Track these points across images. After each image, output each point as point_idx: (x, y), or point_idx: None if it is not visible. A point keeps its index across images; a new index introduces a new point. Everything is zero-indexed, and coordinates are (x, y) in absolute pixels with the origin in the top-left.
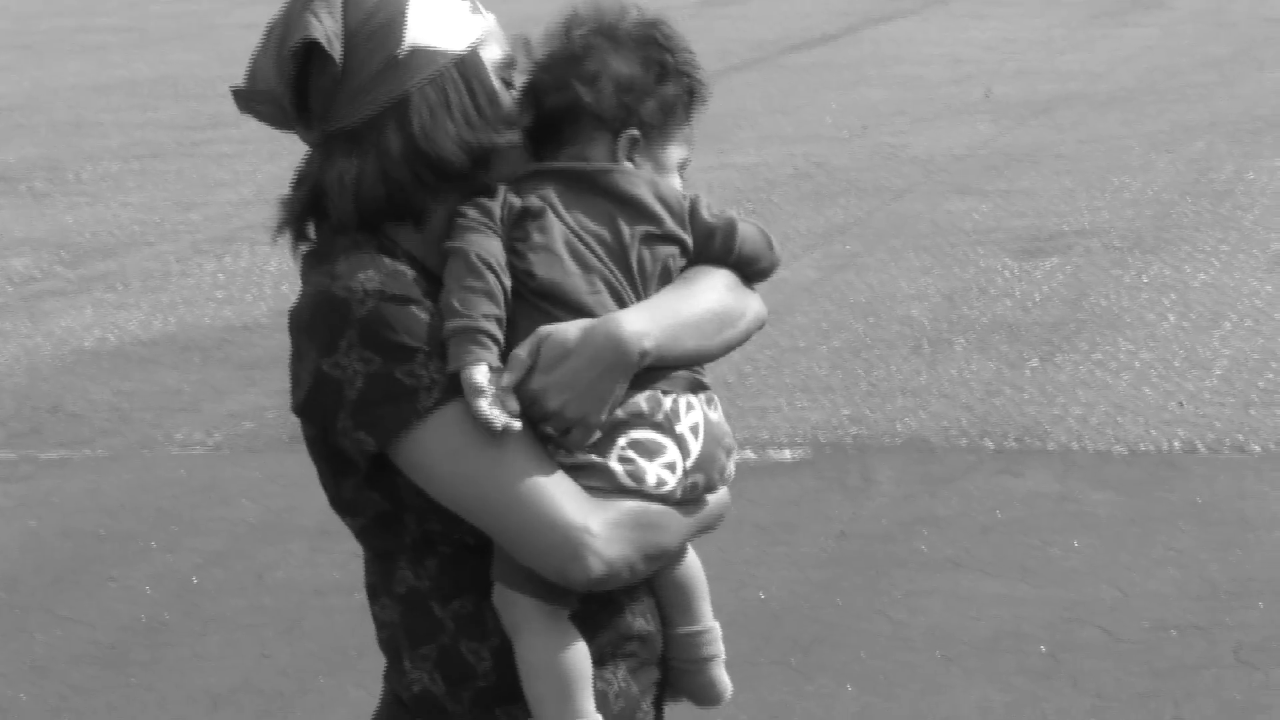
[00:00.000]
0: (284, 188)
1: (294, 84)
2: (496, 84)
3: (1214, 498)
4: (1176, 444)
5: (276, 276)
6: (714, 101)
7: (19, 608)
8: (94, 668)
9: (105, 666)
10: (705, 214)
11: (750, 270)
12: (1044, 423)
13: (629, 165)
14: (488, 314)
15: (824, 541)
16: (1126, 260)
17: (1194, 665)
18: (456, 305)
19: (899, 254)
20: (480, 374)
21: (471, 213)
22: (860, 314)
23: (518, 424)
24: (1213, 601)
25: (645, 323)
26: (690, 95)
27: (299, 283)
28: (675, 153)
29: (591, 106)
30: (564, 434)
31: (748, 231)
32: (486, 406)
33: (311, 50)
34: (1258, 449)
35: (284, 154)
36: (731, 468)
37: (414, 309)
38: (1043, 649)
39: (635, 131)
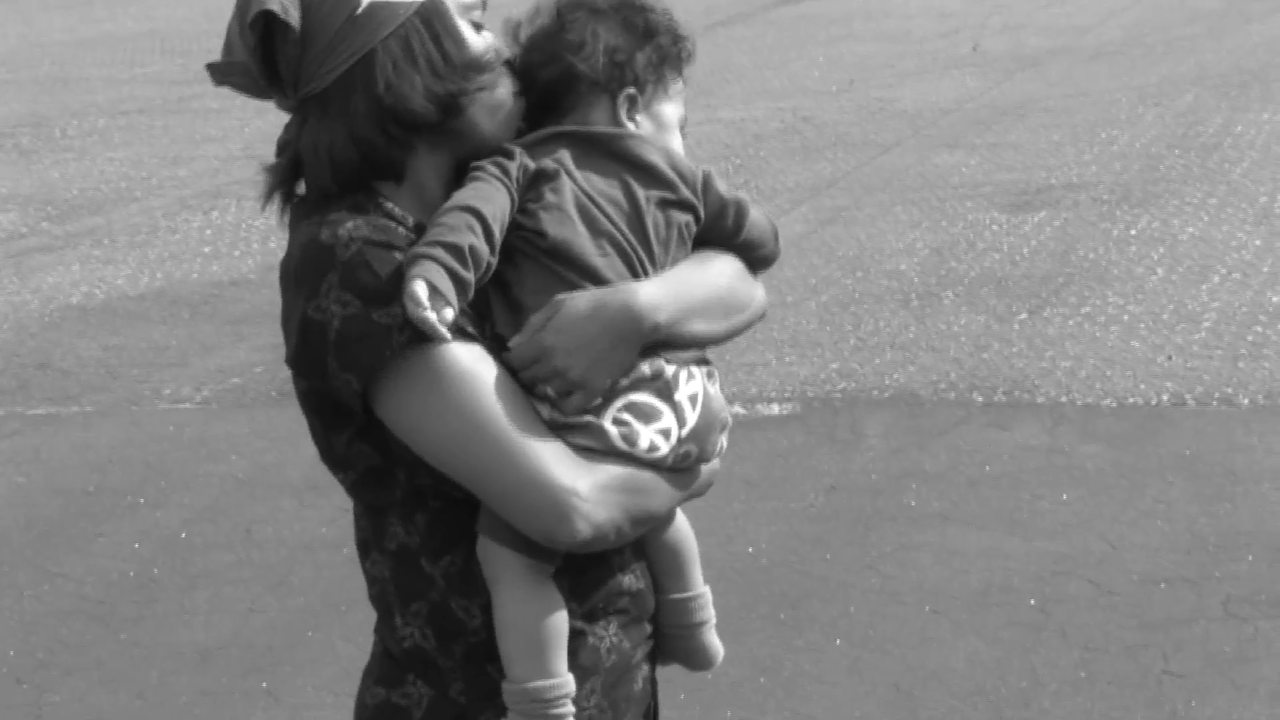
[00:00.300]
0: (272, 143)
1: (259, 55)
2: (463, 27)
3: (1202, 450)
4: (1165, 397)
5: (264, 232)
6: (701, 57)
7: (7, 563)
8: (82, 623)
9: (94, 621)
10: (719, 188)
11: (753, 256)
12: (1032, 376)
13: (633, 126)
14: (449, 244)
15: (813, 496)
16: (1115, 214)
17: (1183, 618)
18: (424, 236)
19: (887, 208)
20: (419, 286)
21: (488, 166)
22: (848, 268)
23: (447, 335)
24: (1201, 554)
25: (660, 297)
26: (676, 48)
27: (286, 237)
28: (672, 109)
29: (586, 73)
30: (563, 397)
31: (756, 216)
32: (416, 309)
33: (272, 20)
34: (1246, 402)
35: (271, 110)
36: (724, 442)
37: (397, 255)
38: (1031, 602)
39: (632, 90)
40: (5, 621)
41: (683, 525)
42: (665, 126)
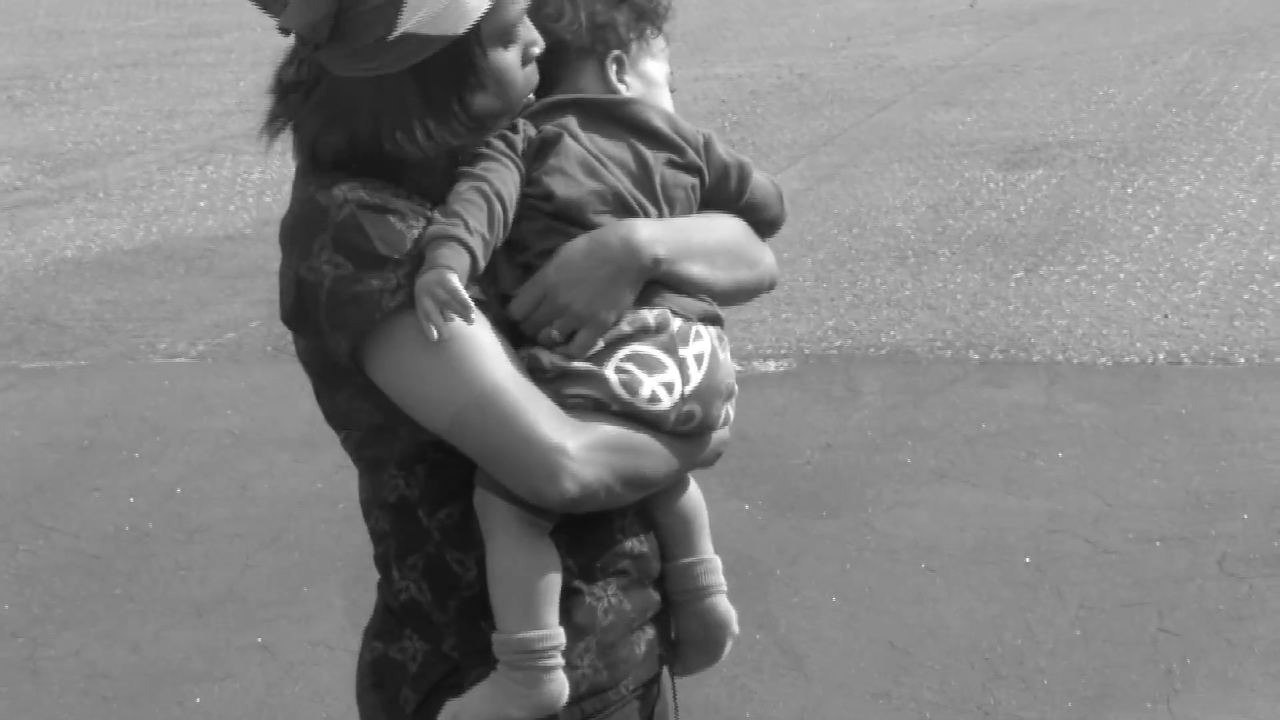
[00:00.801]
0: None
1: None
2: (496, 62)
3: (1198, 409)
4: (1161, 355)
5: (259, 186)
6: (698, 13)
7: (2, 517)
8: (78, 577)
9: (89, 576)
10: (721, 151)
11: (759, 219)
12: (1029, 334)
13: (624, 89)
14: (473, 229)
15: (809, 453)
16: (1111, 172)
17: (1178, 576)
18: (444, 215)
19: (884, 165)
20: (446, 276)
21: (495, 142)
22: (845, 225)
23: (438, 335)
24: (1197, 512)
25: (660, 233)
26: (653, 3)
27: (282, 192)
28: (657, 67)
29: (572, 41)
30: (569, 338)
31: (760, 179)
32: (429, 305)
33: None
34: (1242, 360)
35: (267, 63)
36: (731, 413)
37: (391, 218)
38: (1027, 560)
39: (617, 52)
40: (0, 575)
41: (695, 495)
42: (653, 84)
